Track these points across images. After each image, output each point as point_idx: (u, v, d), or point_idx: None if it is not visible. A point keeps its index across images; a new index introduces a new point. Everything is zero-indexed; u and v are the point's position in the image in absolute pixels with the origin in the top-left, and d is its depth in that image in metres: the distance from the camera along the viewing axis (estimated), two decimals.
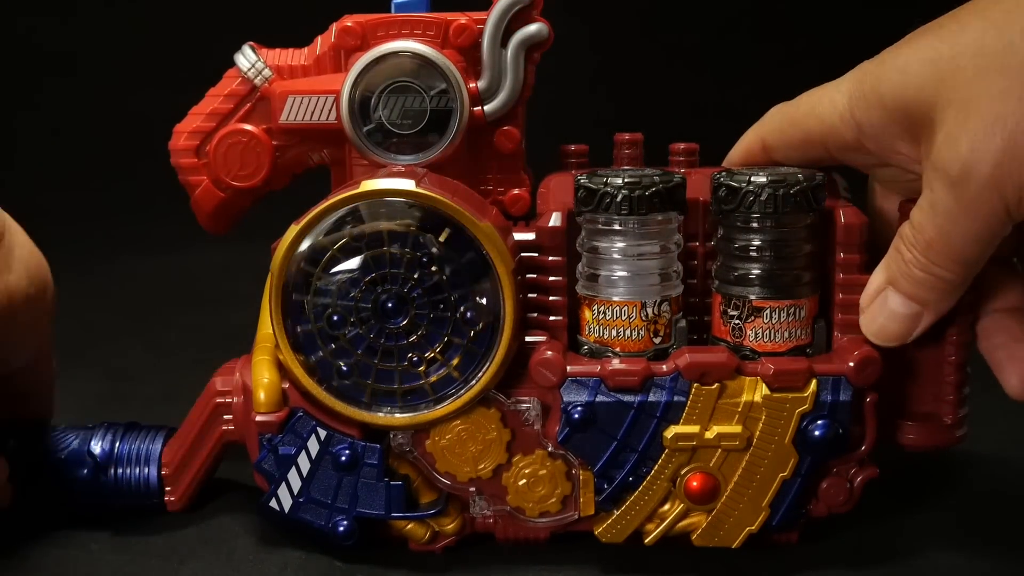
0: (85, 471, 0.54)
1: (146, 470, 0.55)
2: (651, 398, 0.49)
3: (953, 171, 0.44)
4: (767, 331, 0.49)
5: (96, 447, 0.55)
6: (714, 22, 1.31)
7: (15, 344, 0.53)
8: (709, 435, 0.49)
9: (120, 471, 0.55)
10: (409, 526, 0.52)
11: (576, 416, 0.49)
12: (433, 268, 0.48)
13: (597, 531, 0.51)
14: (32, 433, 0.56)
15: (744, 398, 0.49)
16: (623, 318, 0.50)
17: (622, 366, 0.49)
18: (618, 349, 0.50)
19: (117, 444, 0.55)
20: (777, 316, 0.49)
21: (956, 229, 0.45)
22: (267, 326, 0.51)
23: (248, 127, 0.53)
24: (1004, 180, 0.43)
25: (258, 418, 0.51)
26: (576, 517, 0.51)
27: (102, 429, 0.56)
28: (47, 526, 0.55)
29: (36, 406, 0.57)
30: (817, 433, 0.49)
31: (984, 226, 0.45)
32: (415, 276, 0.49)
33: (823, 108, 0.49)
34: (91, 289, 1.00)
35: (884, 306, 0.48)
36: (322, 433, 0.51)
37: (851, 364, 0.49)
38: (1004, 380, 0.49)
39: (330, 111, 0.51)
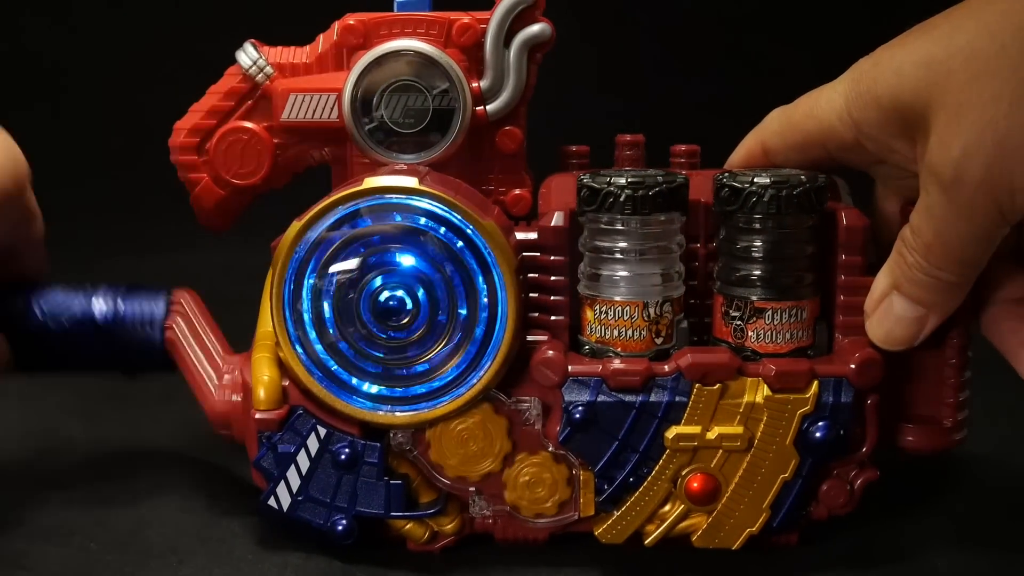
0: (86, 330, 0.54)
1: (149, 330, 0.55)
2: (653, 398, 0.49)
3: (946, 175, 0.44)
4: (769, 332, 0.49)
5: (97, 307, 0.54)
6: (714, 22, 1.31)
7: None
8: (710, 436, 0.49)
9: (123, 332, 0.55)
10: (408, 526, 0.52)
11: (577, 416, 0.49)
12: (435, 266, 0.48)
13: (597, 532, 0.51)
14: (22, 290, 0.55)
15: (746, 399, 0.49)
16: (625, 318, 0.49)
17: (624, 366, 0.49)
18: (619, 349, 0.50)
19: (120, 305, 0.55)
20: (779, 317, 0.49)
21: (953, 232, 0.45)
22: (266, 323, 0.51)
23: (249, 125, 0.53)
24: (996, 183, 0.43)
25: (257, 415, 0.50)
26: (576, 518, 0.51)
27: (103, 289, 0.55)
28: (46, 525, 0.55)
29: (27, 264, 0.57)
30: (818, 435, 0.49)
31: (980, 228, 0.45)
32: (417, 275, 0.48)
33: (821, 109, 0.49)
34: None
35: (890, 310, 0.48)
36: (322, 431, 0.50)
37: (852, 366, 0.49)
38: (1019, 365, 0.49)
39: (332, 109, 0.51)
